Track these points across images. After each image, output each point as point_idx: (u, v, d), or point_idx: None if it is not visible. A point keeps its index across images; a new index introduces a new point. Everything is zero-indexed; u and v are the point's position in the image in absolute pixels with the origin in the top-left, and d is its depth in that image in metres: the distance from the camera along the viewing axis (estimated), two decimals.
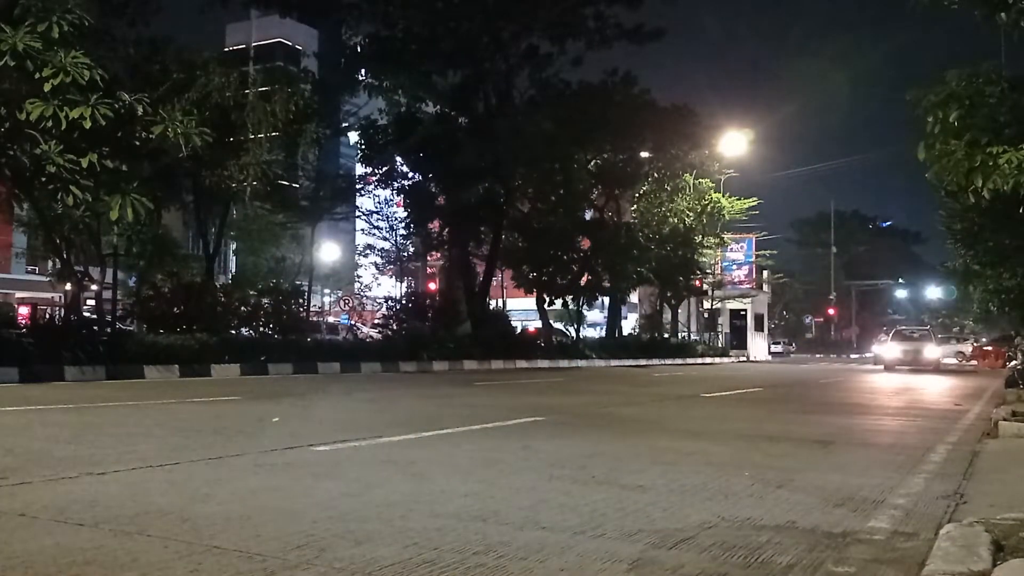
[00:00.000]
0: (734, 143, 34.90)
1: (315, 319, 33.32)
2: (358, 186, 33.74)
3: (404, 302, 28.86)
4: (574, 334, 34.23)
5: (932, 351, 28.59)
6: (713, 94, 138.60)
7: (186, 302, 18.73)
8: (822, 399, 13.12)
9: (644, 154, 32.28)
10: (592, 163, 32.11)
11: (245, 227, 29.89)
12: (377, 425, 7.57)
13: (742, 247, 49.72)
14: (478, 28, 28.06)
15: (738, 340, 49.35)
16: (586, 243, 32.93)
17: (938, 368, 27.36)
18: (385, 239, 36.60)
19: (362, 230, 40.72)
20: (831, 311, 70.98)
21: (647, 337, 37.62)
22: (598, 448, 6.18)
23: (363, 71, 29.52)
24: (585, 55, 29.79)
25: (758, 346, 51.39)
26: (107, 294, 20.70)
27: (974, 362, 37.63)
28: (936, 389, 16.77)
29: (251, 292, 21.46)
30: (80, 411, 8.29)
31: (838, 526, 3.60)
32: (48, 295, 33.15)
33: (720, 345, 46.64)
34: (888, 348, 29.39)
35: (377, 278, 39.82)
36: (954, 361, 42.24)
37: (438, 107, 30.70)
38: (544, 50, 29.43)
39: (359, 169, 34.59)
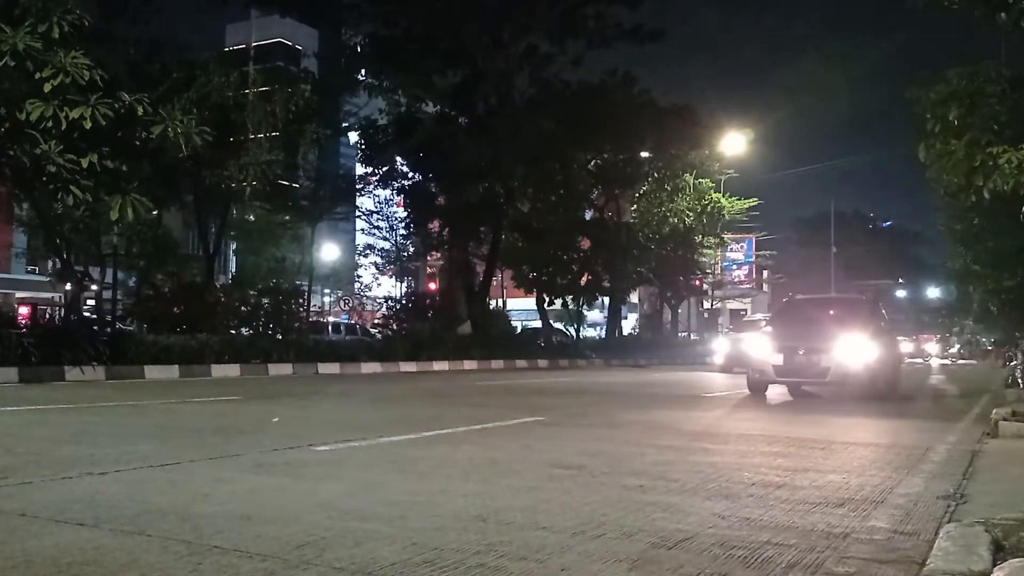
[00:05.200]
0: (734, 143, 34.86)
1: (322, 319, 33.36)
2: (358, 186, 33.77)
3: (404, 302, 28.87)
4: (574, 334, 34.22)
5: (854, 353, 11.81)
6: (713, 94, 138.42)
7: (186, 302, 18.73)
8: (822, 399, 13.10)
9: (644, 154, 32.29)
10: (592, 163, 32.12)
11: (245, 227, 29.91)
12: (377, 425, 7.57)
13: (742, 247, 49.76)
14: (478, 28, 28.06)
15: None
16: (586, 243, 32.94)
17: (870, 390, 11.72)
18: (385, 239, 36.63)
19: (362, 230, 40.77)
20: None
21: (647, 337, 37.63)
22: (598, 448, 6.18)
23: (363, 71, 29.53)
24: (585, 55, 29.82)
25: None
26: (107, 294, 20.73)
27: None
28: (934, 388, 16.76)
29: (251, 292, 21.46)
30: (80, 411, 8.29)
31: (838, 526, 3.60)
32: (48, 295, 33.16)
33: None
34: (750, 344, 13.36)
35: (377, 278, 39.85)
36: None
37: (438, 107, 30.70)
38: (544, 50, 29.46)
39: (359, 169, 34.61)
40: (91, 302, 21.45)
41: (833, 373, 11.88)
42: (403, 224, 33.84)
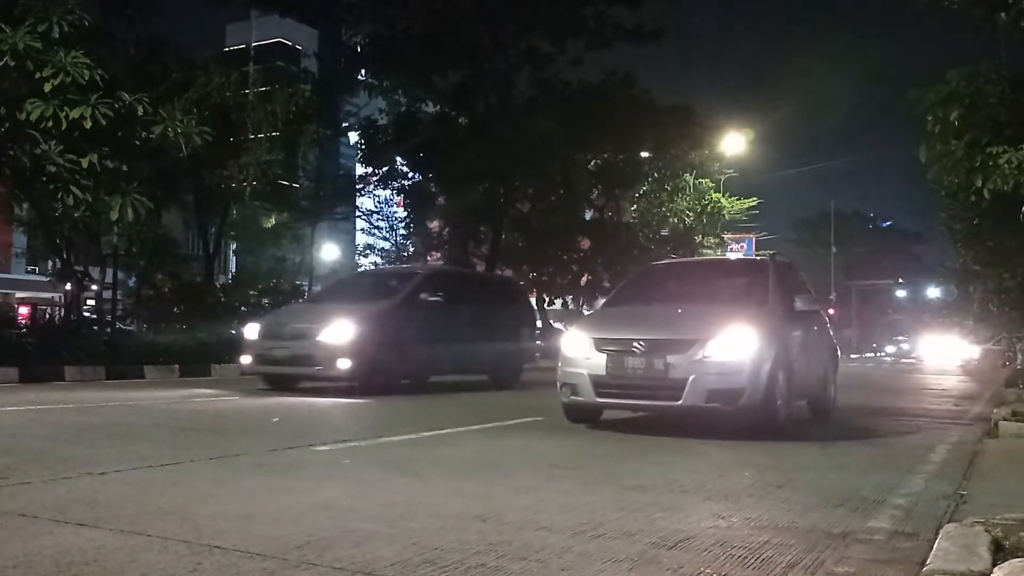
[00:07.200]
0: (734, 143, 34.82)
1: None
2: (358, 186, 33.76)
3: None
4: None
5: (734, 354, 6.64)
6: (713, 94, 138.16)
7: (186, 302, 18.71)
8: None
9: (644, 154, 32.25)
10: (592, 163, 32.10)
11: (245, 227, 29.89)
12: (377, 425, 7.57)
13: (742, 247, 49.64)
14: (478, 28, 28.05)
15: None
16: (586, 243, 32.93)
17: (765, 417, 6.78)
18: (385, 239, 36.62)
19: (362, 230, 40.74)
20: (831, 311, 71.01)
21: None
22: (598, 448, 6.18)
23: (363, 71, 29.53)
24: (585, 55, 29.76)
25: None
26: (107, 294, 20.68)
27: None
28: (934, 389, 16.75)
29: (251, 292, 21.43)
30: (80, 411, 8.28)
31: (838, 526, 3.60)
32: (48, 295, 33.13)
33: None
34: (563, 343, 7.68)
35: None
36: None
37: (438, 107, 30.70)
38: (544, 50, 29.40)
39: (359, 169, 34.61)
40: (91, 302, 21.39)
41: (693, 389, 6.60)
42: (403, 224, 33.85)
